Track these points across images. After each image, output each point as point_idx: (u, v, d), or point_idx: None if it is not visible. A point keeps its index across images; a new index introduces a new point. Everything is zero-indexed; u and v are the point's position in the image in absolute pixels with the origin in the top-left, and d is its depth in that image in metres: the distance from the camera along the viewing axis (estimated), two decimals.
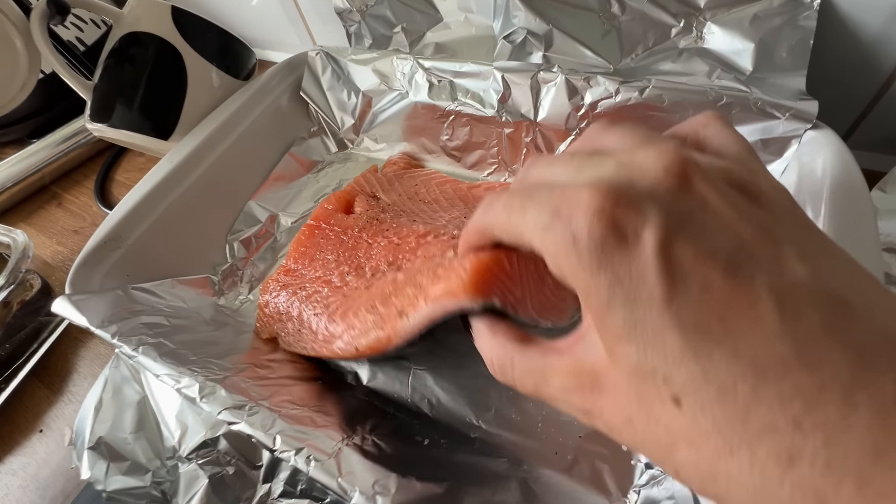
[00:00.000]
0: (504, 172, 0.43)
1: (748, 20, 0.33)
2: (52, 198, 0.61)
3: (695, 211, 0.13)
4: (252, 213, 0.46)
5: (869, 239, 0.24)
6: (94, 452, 0.33)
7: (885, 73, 0.35)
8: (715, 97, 0.32)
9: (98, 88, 0.44)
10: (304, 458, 0.24)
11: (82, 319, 0.31)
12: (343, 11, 0.46)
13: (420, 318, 0.25)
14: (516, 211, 0.16)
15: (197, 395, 0.28)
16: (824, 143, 0.29)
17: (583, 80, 0.36)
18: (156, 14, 0.43)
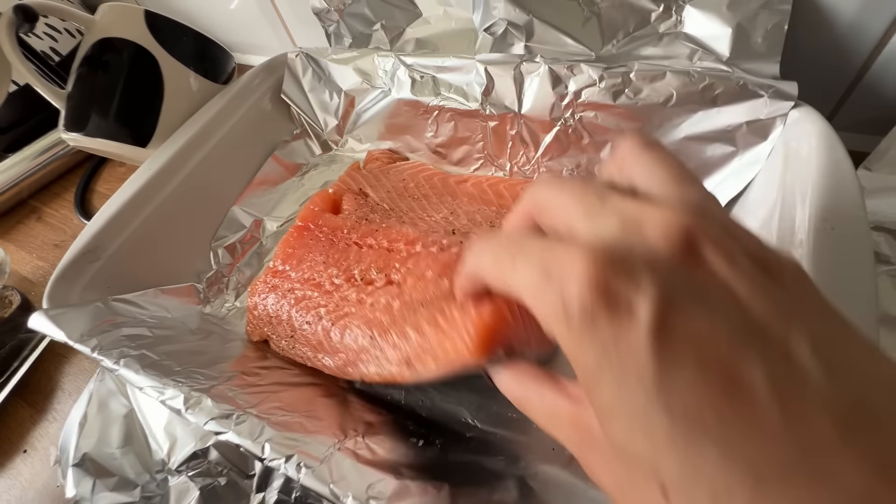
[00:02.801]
0: (490, 167, 0.43)
1: (725, 4, 0.33)
2: (30, 212, 0.60)
3: (698, 284, 0.12)
4: (236, 218, 0.45)
5: (857, 218, 0.24)
6: (79, 469, 0.32)
7: (862, 55, 0.35)
8: (697, 78, 0.32)
9: (72, 97, 0.43)
10: (294, 465, 0.24)
11: (60, 334, 0.30)
12: (321, 11, 0.46)
13: (430, 375, 0.26)
14: (506, 265, 0.15)
15: (182, 406, 0.27)
16: (809, 124, 0.29)
17: (566, 68, 0.35)
18: (129, 19, 0.42)
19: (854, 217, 0.24)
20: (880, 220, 0.30)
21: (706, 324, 0.12)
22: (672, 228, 0.13)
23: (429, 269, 0.30)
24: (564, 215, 0.15)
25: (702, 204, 0.14)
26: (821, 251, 0.23)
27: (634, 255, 0.13)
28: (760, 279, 0.12)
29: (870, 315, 0.21)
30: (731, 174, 0.34)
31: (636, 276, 0.12)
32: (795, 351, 0.11)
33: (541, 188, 0.16)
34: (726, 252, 0.13)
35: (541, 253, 0.14)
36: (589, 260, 0.12)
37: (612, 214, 0.14)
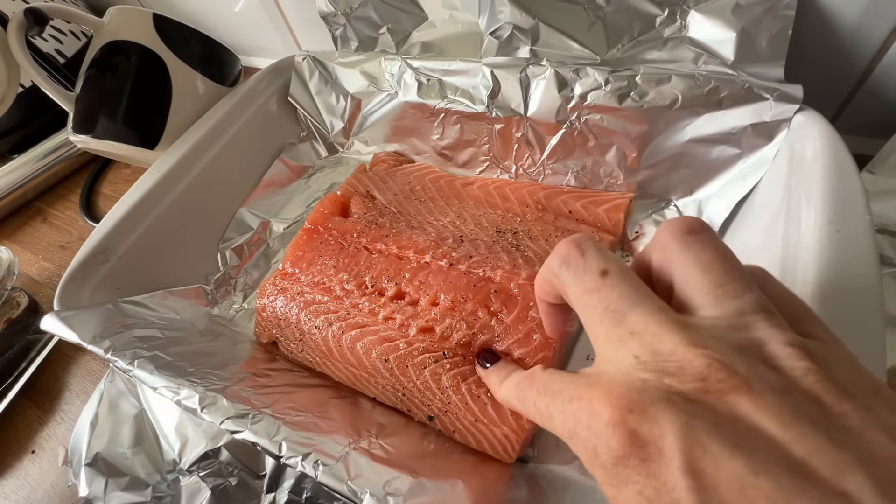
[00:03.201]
0: (496, 169, 0.43)
1: (730, 9, 0.33)
2: (36, 213, 0.60)
3: (725, 421, 0.12)
4: (243, 220, 0.45)
5: (862, 221, 0.25)
6: (91, 469, 0.32)
7: (865, 59, 0.36)
8: (703, 82, 0.32)
9: (80, 99, 0.43)
10: (311, 463, 0.24)
11: (73, 336, 0.31)
12: (327, 15, 0.46)
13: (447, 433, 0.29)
14: (545, 414, 0.16)
15: (198, 406, 0.27)
16: (813, 128, 0.30)
17: (572, 71, 0.36)
18: (137, 22, 0.42)
19: (859, 220, 0.25)
20: (884, 222, 0.30)
21: (742, 465, 0.11)
22: (687, 367, 0.13)
23: (441, 293, 0.31)
24: (588, 326, 0.16)
25: (736, 315, 0.14)
26: (826, 253, 0.24)
27: (651, 393, 0.13)
28: (797, 414, 0.12)
29: (876, 318, 0.22)
30: (736, 176, 0.34)
31: (655, 416, 0.12)
32: (856, 495, 0.10)
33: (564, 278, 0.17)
34: (748, 389, 0.12)
35: (569, 403, 0.15)
36: (608, 407, 0.13)
37: (630, 344, 0.14)
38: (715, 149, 0.34)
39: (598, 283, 0.16)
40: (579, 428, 0.14)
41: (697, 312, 0.15)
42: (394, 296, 0.33)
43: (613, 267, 0.16)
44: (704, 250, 0.15)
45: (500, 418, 0.27)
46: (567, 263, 0.17)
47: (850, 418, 0.11)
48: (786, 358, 0.13)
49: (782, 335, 0.13)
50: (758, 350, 0.13)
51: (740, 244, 0.32)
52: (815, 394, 0.12)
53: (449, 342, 0.30)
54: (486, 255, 0.33)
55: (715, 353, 0.13)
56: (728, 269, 0.15)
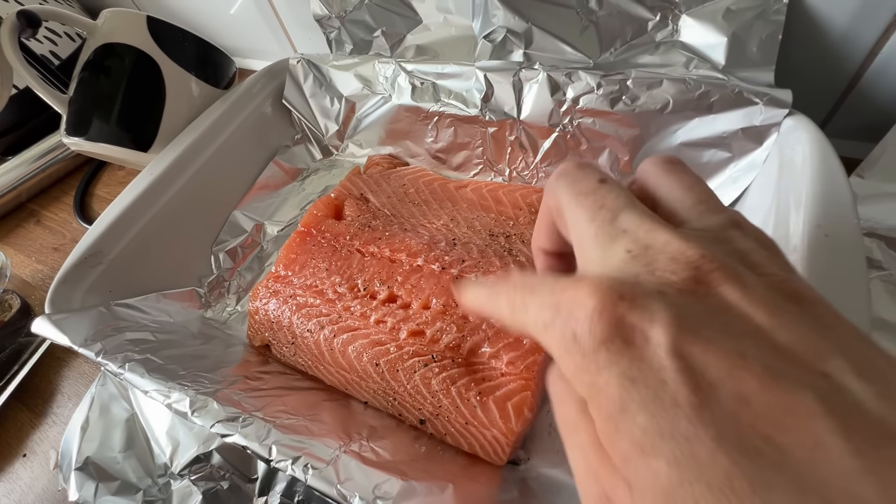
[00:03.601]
0: (490, 172, 0.43)
1: (721, 13, 0.34)
2: (29, 215, 0.59)
3: (713, 311, 0.12)
4: (237, 222, 0.45)
5: (850, 225, 0.25)
6: (81, 473, 0.32)
7: (855, 64, 0.36)
8: (694, 86, 0.32)
9: (74, 102, 0.43)
10: (301, 466, 0.24)
11: (64, 339, 0.31)
12: (322, 18, 0.46)
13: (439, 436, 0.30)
14: (518, 307, 0.15)
15: (188, 409, 0.27)
16: (803, 132, 0.30)
17: (564, 75, 0.36)
18: (131, 25, 0.42)
19: (847, 223, 0.25)
20: (873, 226, 0.30)
21: (731, 346, 0.11)
22: (680, 257, 0.13)
23: (433, 297, 0.31)
24: (577, 232, 0.15)
25: (720, 228, 0.14)
26: (815, 257, 0.24)
27: (643, 285, 0.13)
28: (782, 306, 0.12)
29: (863, 320, 0.22)
30: (727, 180, 0.34)
31: (646, 303, 0.12)
32: (836, 375, 0.11)
33: (560, 187, 0.17)
34: (738, 281, 0.12)
35: (550, 293, 0.14)
36: (597, 294, 0.12)
37: (621, 240, 0.14)
38: (706, 152, 0.34)
39: (594, 187, 0.16)
40: (558, 316, 0.13)
41: (684, 226, 0.15)
42: (386, 299, 0.33)
43: (611, 178, 0.16)
44: (685, 174, 0.16)
45: (490, 421, 0.27)
46: (564, 174, 0.17)
47: (826, 318, 0.12)
48: (769, 265, 0.13)
49: (763, 249, 0.14)
50: (744, 257, 0.14)
51: None
52: (797, 294, 0.13)
53: (438, 345, 0.30)
54: (479, 259, 0.33)
55: (707, 250, 0.13)
56: (706, 189, 0.16)
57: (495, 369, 0.29)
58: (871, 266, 0.30)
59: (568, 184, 0.16)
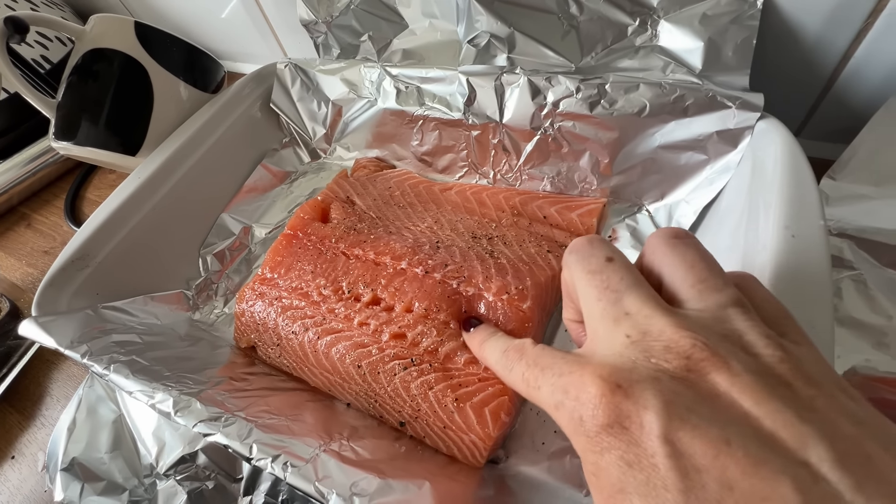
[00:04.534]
0: (474, 175, 0.44)
1: (698, 18, 0.34)
2: (20, 219, 0.60)
3: (704, 398, 0.13)
4: (225, 225, 0.45)
5: (816, 226, 0.25)
6: (67, 474, 0.32)
7: (829, 68, 0.37)
8: (669, 90, 0.33)
9: (62, 106, 0.43)
10: (280, 464, 0.24)
11: (50, 341, 0.31)
12: (309, 23, 0.47)
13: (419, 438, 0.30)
14: (532, 385, 0.17)
15: (171, 409, 0.28)
16: (774, 135, 0.30)
17: (544, 79, 0.37)
18: (119, 30, 0.43)
19: (813, 225, 0.25)
20: (843, 227, 0.31)
21: (715, 433, 0.12)
22: (673, 346, 0.14)
23: (416, 300, 0.32)
24: (586, 308, 0.17)
25: (718, 308, 0.15)
26: (781, 257, 0.24)
27: (640, 371, 0.14)
28: (770, 391, 0.13)
29: (826, 316, 0.22)
30: (704, 181, 0.35)
31: (640, 392, 0.13)
32: (816, 464, 0.11)
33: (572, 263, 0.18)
34: (727, 368, 0.13)
35: (560, 376, 0.16)
36: (597, 382, 0.14)
37: (623, 324, 0.15)
38: (683, 155, 0.35)
39: (602, 266, 0.17)
40: (567, 399, 0.15)
41: (684, 305, 0.16)
42: (369, 301, 0.34)
43: (619, 256, 0.18)
44: (688, 251, 0.17)
45: (468, 426, 0.27)
46: (576, 251, 0.18)
47: (817, 401, 0.13)
48: (763, 346, 0.14)
49: (759, 328, 0.15)
50: (738, 339, 0.14)
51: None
52: (787, 378, 0.13)
53: (418, 349, 0.30)
54: (461, 262, 0.34)
55: (700, 336, 0.14)
56: (709, 267, 0.17)
57: (473, 374, 0.29)
58: (843, 266, 0.30)
59: (578, 260, 0.18)
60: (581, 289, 0.17)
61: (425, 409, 0.29)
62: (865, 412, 0.13)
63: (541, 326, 0.32)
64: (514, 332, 0.29)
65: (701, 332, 0.14)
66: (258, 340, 0.36)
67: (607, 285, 0.16)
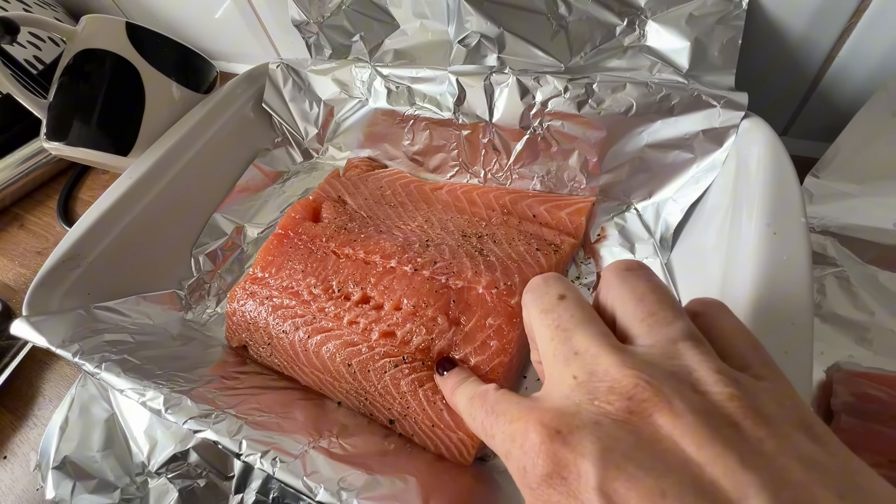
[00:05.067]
0: (465, 174, 0.44)
1: (685, 19, 0.35)
2: (13, 219, 0.60)
3: (644, 443, 0.12)
4: (217, 225, 0.46)
5: (797, 223, 0.26)
6: (59, 472, 0.32)
7: (814, 67, 0.37)
8: (655, 89, 0.33)
9: (53, 107, 0.43)
10: (269, 460, 0.25)
11: (42, 340, 0.31)
12: (300, 23, 0.47)
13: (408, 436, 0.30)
14: (488, 432, 0.17)
15: (162, 406, 0.28)
16: (758, 134, 0.31)
17: (533, 79, 0.37)
18: (110, 31, 0.43)
19: (795, 222, 0.26)
20: (826, 224, 0.31)
21: (651, 484, 0.11)
22: (616, 386, 0.13)
23: (405, 298, 0.32)
24: (541, 348, 0.17)
25: (668, 342, 0.15)
26: (763, 254, 0.25)
27: (581, 416, 0.13)
28: (715, 433, 0.12)
29: (806, 315, 0.23)
30: (690, 180, 0.35)
31: (580, 440, 0.13)
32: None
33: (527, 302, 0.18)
34: (670, 409, 0.13)
35: (509, 423, 0.15)
36: (538, 429, 0.14)
37: (572, 364, 0.15)
38: (670, 154, 0.35)
39: (554, 304, 0.17)
40: (514, 447, 0.15)
41: (635, 341, 0.15)
42: (359, 300, 0.34)
43: (571, 294, 0.17)
44: (638, 283, 0.16)
45: (456, 424, 0.28)
46: (531, 290, 0.18)
47: (766, 443, 0.12)
48: (712, 383, 0.13)
49: (711, 363, 0.14)
50: (687, 375, 0.14)
51: (695, 246, 0.33)
52: (735, 418, 0.12)
53: (409, 347, 0.30)
54: (450, 260, 0.34)
55: (644, 375, 0.13)
56: (659, 299, 0.16)
57: None
58: (826, 263, 0.31)
59: (533, 300, 0.18)
60: (536, 329, 0.17)
61: (414, 406, 0.29)
62: (825, 453, 0.12)
63: None
64: (503, 327, 0.30)
65: (646, 369, 0.13)
66: (249, 340, 0.37)
67: (558, 324, 0.16)
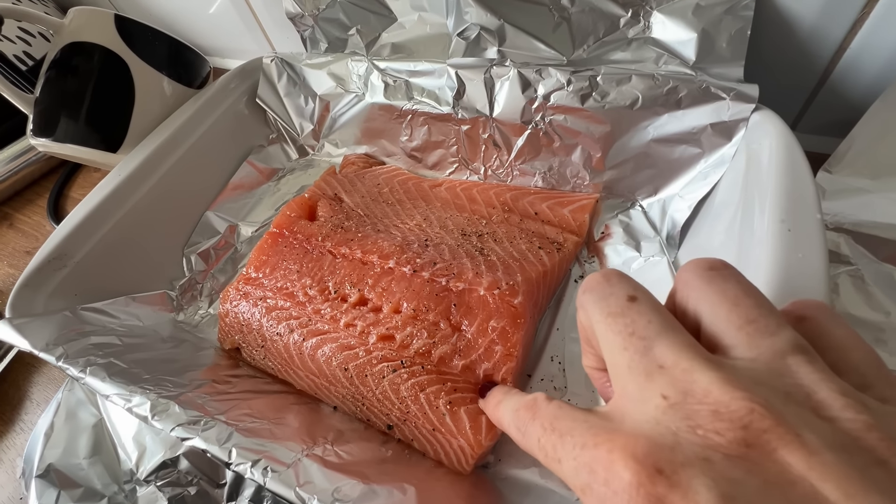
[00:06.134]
0: (465, 171, 0.43)
1: (691, 10, 0.33)
2: (2, 218, 0.58)
3: (773, 487, 0.10)
4: (210, 223, 0.44)
5: (813, 219, 0.25)
6: (42, 480, 0.31)
7: (825, 59, 0.36)
8: (662, 81, 0.32)
9: (40, 102, 0.42)
10: (260, 469, 0.23)
11: (25, 343, 0.30)
12: (295, 16, 0.46)
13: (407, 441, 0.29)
14: (551, 456, 0.14)
15: (149, 413, 0.27)
16: (770, 127, 0.30)
17: (535, 72, 0.36)
18: (98, 23, 0.41)
19: (810, 218, 0.25)
20: (840, 221, 0.30)
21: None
22: (724, 412, 0.11)
23: (404, 301, 0.31)
24: (609, 359, 0.14)
25: (775, 357, 0.12)
26: (778, 252, 0.24)
27: (684, 449, 0.11)
28: (861, 474, 0.10)
29: None
30: (698, 176, 0.34)
31: (688, 482, 0.10)
32: None
33: (588, 304, 0.15)
34: (801, 443, 0.10)
35: (583, 448, 0.13)
36: (632, 465, 0.11)
37: (657, 381, 0.12)
38: (677, 148, 0.34)
39: (623, 308, 0.14)
40: (595, 482, 0.12)
41: (730, 353, 0.13)
42: (356, 302, 0.33)
43: (643, 295, 0.15)
44: (728, 285, 0.14)
45: (459, 430, 0.26)
46: (591, 290, 0.15)
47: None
48: (841, 409, 0.11)
49: (832, 382, 0.11)
50: (806, 398, 0.11)
51: (703, 244, 0.32)
52: (881, 454, 0.10)
53: (408, 351, 0.29)
54: (450, 260, 0.33)
55: (757, 397, 0.11)
56: (757, 304, 0.14)
57: (470, 382, 0.28)
58: (839, 261, 0.30)
59: (594, 301, 0.15)
60: (601, 334, 0.15)
61: (415, 410, 0.28)
62: None
63: (533, 323, 0.31)
64: (507, 329, 0.29)
65: (757, 390, 0.11)
66: (242, 342, 0.35)
67: (633, 331, 0.14)
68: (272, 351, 0.34)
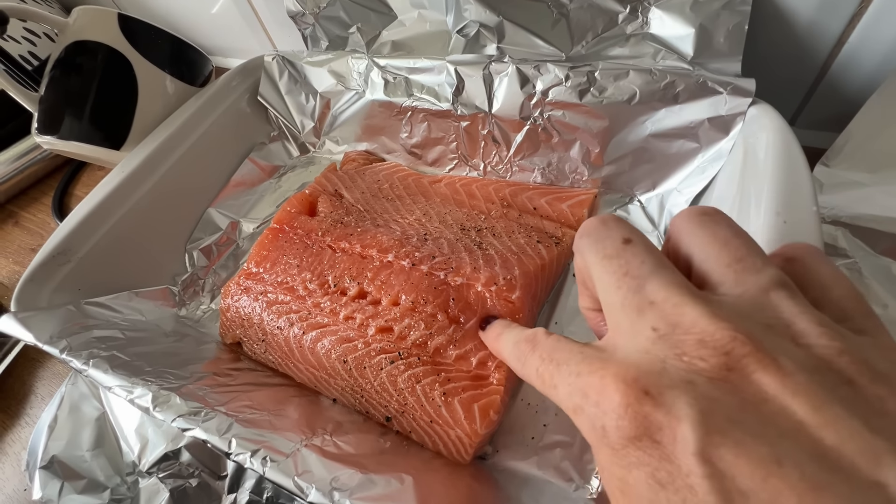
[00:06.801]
0: (464, 167, 0.43)
1: (689, 5, 0.34)
2: (8, 216, 0.59)
3: (749, 404, 0.11)
4: (212, 220, 0.45)
5: (808, 212, 0.25)
6: (46, 472, 0.32)
7: (823, 54, 0.36)
8: (659, 76, 0.32)
9: (45, 100, 0.42)
10: (259, 459, 0.24)
11: (29, 336, 0.30)
12: (296, 15, 0.46)
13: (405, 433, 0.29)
14: (548, 383, 0.15)
15: (150, 404, 0.27)
16: (766, 120, 0.30)
17: (533, 68, 0.36)
18: (102, 22, 0.42)
19: (806, 211, 0.25)
20: (837, 214, 0.30)
21: (765, 450, 0.10)
22: (709, 340, 0.12)
23: (402, 293, 0.31)
24: (604, 297, 0.15)
25: (760, 291, 0.13)
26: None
27: (670, 374, 0.12)
28: (830, 394, 0.11)
29: None
30: (696, 170, 0.34)
31: (672, 401, 0.11)
32: (894, 486, 0.09)
33: (584, 247, 0.16)
34: (776, 366, 0.11)
35: (577, 375, 0.14)
36: (621, 388, 0.12)
37: (648, 315, 0.13)
38: (675, 143, 0.34)
39: (618, 249, 0.15)
40: (587, 404, 0.13)
41: (718, 289, 0.14)
42: (355, 295, 0.33)
43: (637, 237, 0.15)
44: (718, 227, 0.15)
45: (455, 421, 0.27)
46: (588, 234, 0.16)
47: (888, 402, 0.11)
48: (816, 336, 0.12)
49: (811, 314, 0.12)
50: (786, 328, 0.12)
51: None
52: (849, 376, 0.11)
53: (405, 342, 0.29)
54: (449, 254, 0.33)
55: (740, 327, 0.12)
56: (745, 244, 0.14)
57: (464, 371, 0.28)
58: (837, 254, 0.30)
59: (591, 244, 0.16)
60: (597, 276, 0.15)
61: (412, 402, 0.28)
62: None
63: (531, 317, 0.31)
64: None
65: (740, 321, 0.12)
66: (243, 336, 0.36)
67: (626, 271, 0.14)
68: (273, 344, 0.34)
